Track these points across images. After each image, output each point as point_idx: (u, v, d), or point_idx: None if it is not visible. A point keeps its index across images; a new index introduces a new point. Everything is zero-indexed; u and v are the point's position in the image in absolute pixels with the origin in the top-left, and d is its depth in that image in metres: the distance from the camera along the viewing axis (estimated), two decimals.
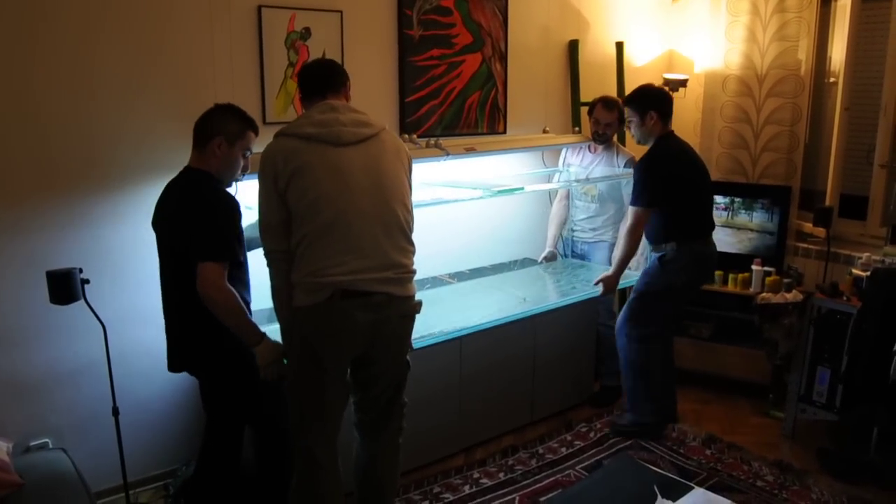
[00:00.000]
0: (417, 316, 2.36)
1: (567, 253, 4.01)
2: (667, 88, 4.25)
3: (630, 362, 3.36)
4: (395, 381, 2.38)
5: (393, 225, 2.20)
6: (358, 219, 2.14)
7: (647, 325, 3.30)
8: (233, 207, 2.29)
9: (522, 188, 3.54)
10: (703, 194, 3.26)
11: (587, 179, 3.73)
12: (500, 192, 3.36)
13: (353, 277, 2.13)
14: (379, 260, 2.16)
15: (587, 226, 3.81)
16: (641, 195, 3.13)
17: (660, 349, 3.34)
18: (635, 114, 3.20)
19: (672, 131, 3.24)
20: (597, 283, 3.33)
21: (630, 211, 3.21)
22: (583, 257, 3.89)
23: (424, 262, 3.50)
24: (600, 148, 3.72)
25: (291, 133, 2.17)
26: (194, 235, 2.21)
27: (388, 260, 2.18)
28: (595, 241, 3.81)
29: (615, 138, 3.75)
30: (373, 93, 3.26)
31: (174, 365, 2.40)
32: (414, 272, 2.29)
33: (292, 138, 2.16)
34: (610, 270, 3.32)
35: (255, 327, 2.27)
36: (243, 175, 2.41)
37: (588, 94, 3.95)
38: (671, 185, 3.13)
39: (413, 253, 2.29)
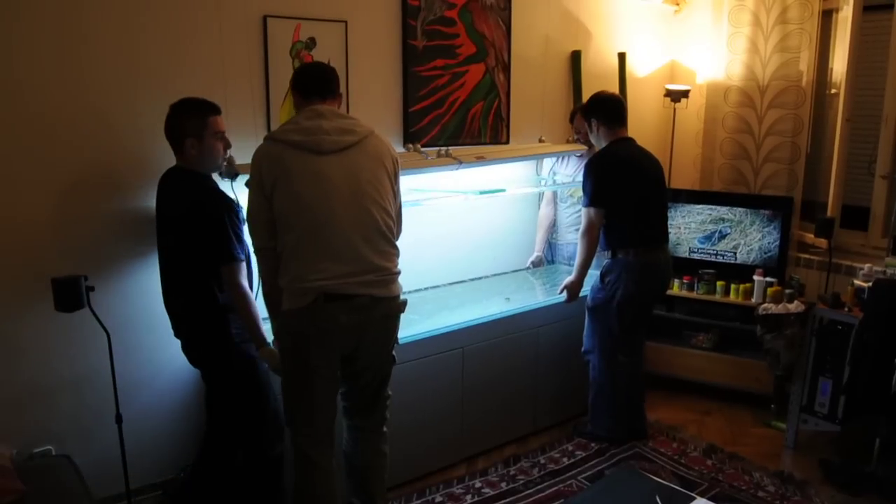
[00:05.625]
0: (405, 315, 2.46)
1: (554, 258, 4.03)
2: (667, 98, 4.30)
3: (591, 378, 3.41)
4: (379, 376, 2.47)
5: (372, 230, 2.26)
6: (338, 225, 2.20)
7: (596, 340, 3.33)
8: (232, 208, 2.42)
9: (505, 189, 3.57)
10: (646, 202, 3.21)
11: (572, 182, 3.77)
12: (482, 192, 3.44)
13: (336, 282, 2.20)
14: (359, 265, 2.23)
15: (573, 228, 3.82)
16: (585, 195, 3.19)
17: (610, 366, 3.32)
18: (585, 122, 3.33)
19: (626, 137, 3.24)
20: (561, 291, 3.33)
21: (583, 213, 3.24)
22: (571, 258, 3.85)
23: (425, 274, 3.56)
24: (586, 154, 3.74)
25: (278, 138, 2.25)
26: (209, 244, 2.36)
27: (369, 264, 2.25)
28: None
29: None
30: (377, 102, 3.27)
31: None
32: (397, 273, 2.35)
33: (278, 144, 2.24)
34: (572, 276, 3.30)
35: (260, 332, 2.41)
36: (227, 152, 2.53)
37: None
38: (608, 188, 3.15)
39: (396, 255, 2.36)
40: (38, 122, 2.46)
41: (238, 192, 2.61)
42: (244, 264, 2.41)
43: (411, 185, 3.23)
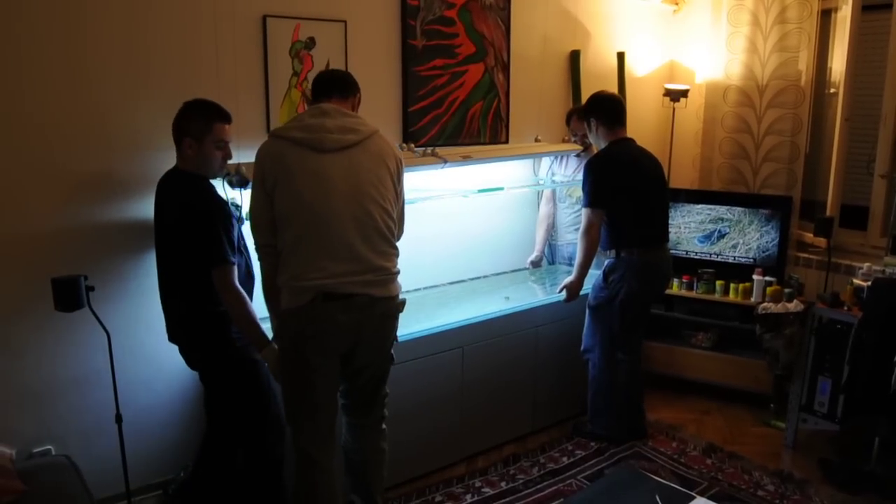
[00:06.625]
0: (405, 313, 2.45)
1: (554, 258, 4.03)
2: (666, 98, 4.30)
3: (590, 376, 3.41)
4: (377, 375, 2.47)
5: (371, 229, 2.25)
6: (336, 224, 2.20)
7: (597, 339, 3.34)
8: (223, 210, 2.39)
9: (503, 188, 3.57)
10: (647, 201, 3.22)
11: (571, 181, 3.77)
12: (481, 191, 3.46)
13: (334, 281, 2.19)
14: (358, 264, 2.23)
15: (573, 227, 3.82)
16: (585, 196, 3.20)
17: (610, 364, 3.33)
18: (584, 122, 3.34)
19: (625, 137, 3.25)
20: (561, 290, 3.33)
21: (583, 213, 3.24)
22: (570, 258, 3.85)
23: (425, 273, 3.56)
24: (584, 154, 3.74)
25: (281, 135, 2.25)
26: (199, 246, 2.33)
27: (368, 264, 2.24)
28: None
29: None
30: (376, 102, 3.27)
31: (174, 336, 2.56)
32: (396, 273, 2.34)
33: (281, 140, 2.24)
34: (572, 276, 3.30)
35: (260, 332, 2.37)
36: (226, 163, 2.49)
37: None
38: (609, 189, 3.16)
39: (395, 255, 2.35)
40: (39, 124, 2.46)
41: (232, 191, 2.63)
42: (236, 267, 2.37)
43: (408, 185, 3.22)
